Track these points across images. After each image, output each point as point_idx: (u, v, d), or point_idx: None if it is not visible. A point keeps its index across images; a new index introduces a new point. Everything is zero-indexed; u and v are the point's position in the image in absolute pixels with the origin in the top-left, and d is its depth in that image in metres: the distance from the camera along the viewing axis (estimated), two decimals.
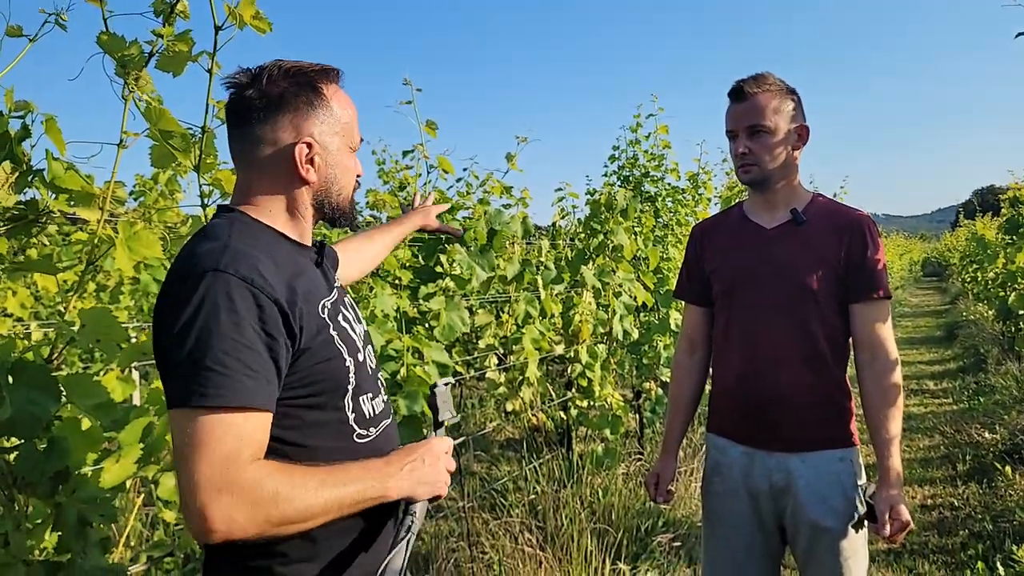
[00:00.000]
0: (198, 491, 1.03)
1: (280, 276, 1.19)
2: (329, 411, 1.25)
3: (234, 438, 1.07)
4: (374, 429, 1.32)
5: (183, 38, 1.65)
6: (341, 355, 1.26)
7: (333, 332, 1.26)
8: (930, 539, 4.24)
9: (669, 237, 6.02)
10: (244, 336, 1.10)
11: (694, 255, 2.26)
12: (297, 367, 1.19)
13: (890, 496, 1.92)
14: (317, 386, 1.22)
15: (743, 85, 1.99)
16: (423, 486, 1.27)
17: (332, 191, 1.35)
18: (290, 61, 1.31)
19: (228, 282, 1.12)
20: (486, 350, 4.82)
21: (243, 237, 1.22)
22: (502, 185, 4.12)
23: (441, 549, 3.65)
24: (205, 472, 1.03)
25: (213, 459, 1.04)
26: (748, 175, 2.03)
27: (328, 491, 1.13)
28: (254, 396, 1.10)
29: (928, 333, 13.97)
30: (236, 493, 1.04)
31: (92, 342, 1.62)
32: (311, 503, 1.11)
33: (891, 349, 1.99)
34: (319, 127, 1.30)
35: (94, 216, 1.67)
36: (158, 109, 1.68)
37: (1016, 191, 6.91)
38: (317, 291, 1.28)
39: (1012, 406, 6.64)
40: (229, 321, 1.10)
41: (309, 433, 1.22)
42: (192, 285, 1.12)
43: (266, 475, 1.08)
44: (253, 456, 1.09)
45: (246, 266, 1.15)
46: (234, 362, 1.08)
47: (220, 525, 1.03)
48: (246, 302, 1.12)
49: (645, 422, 5.40)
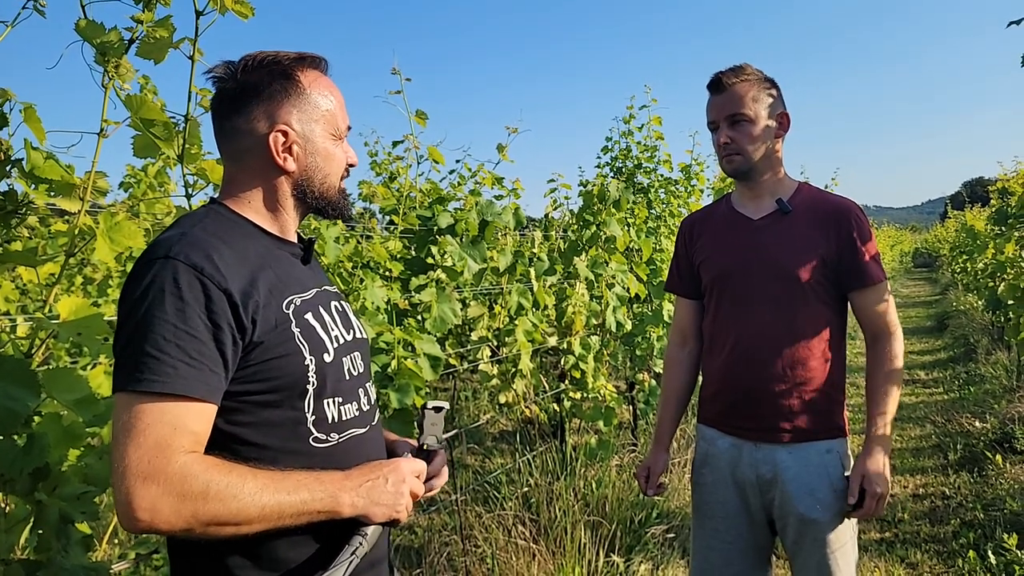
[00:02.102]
0: (125, 476, 1.01)
1: (240, 267, 1.16)
2: (285, 409, 1.20)
3: (167, 426, 1.04)
4: (336, 435, 1.26)
5: (163, 24, 1.60)
6: (300, 352, 1.20)
7: (295, 328, 1.21)
8: (922, 528, 4.24)
9: (662, 228, 5.99)
10: (187, 323, 1.08)
11: (683, 248, 2.27)
12: (250, 360, 1.16)
13: (863, 467, 1.94)
14: (272, 382, 1.18)
15: (721, 76, 2.01)
16: (379, 507, 1.20)
17: (314, 180, 1.31)
18: (270, 51, 1.29)
19: (176, 268, 1.10)
20: (479, 342, 4.79)
21: (210, 227, 1.20)
22: (493, 176, 4.09)
23: (434, 542, 3.63)
24: (133, 458, 1.02)
25: (142, 446, 1.02)
26: (732, 165, 2.03)
27: (268, 496, 1.08)
28: (192, 385, 1.07)
29: (919, 323, 14.03)
30: (162, 483, 1.01)
31: (73, 335, 1.58)
32: (245, 505, 1.06)
33: (893, 330, 2.03)
34: (296, 115, 1.28)
35: (75, 207, 1.63)
36: (139, 97, 1.64)
37: (1005, 182, 6.93)
38: (287, 286, 1.24)
39: (1002, 395, 6.67)
40: (173, 307, 1.08)
41: (261, 431, 1.18)
42: (144, 270, 1.12)
43: (200, 469, 1.05)
44: (187, 447, 1.06)
45: (198, 253, 1.12)
46: (174, 348, 1.06)
47: (144, 514, 1.01)
48: (193, 289, 1.09)
49: (639, 413, 5.40)
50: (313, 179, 1.31)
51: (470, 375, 7.67)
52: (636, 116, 6.04)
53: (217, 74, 1.28)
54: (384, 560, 1.38)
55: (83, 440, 1.59)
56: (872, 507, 1.91)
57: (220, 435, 1.16)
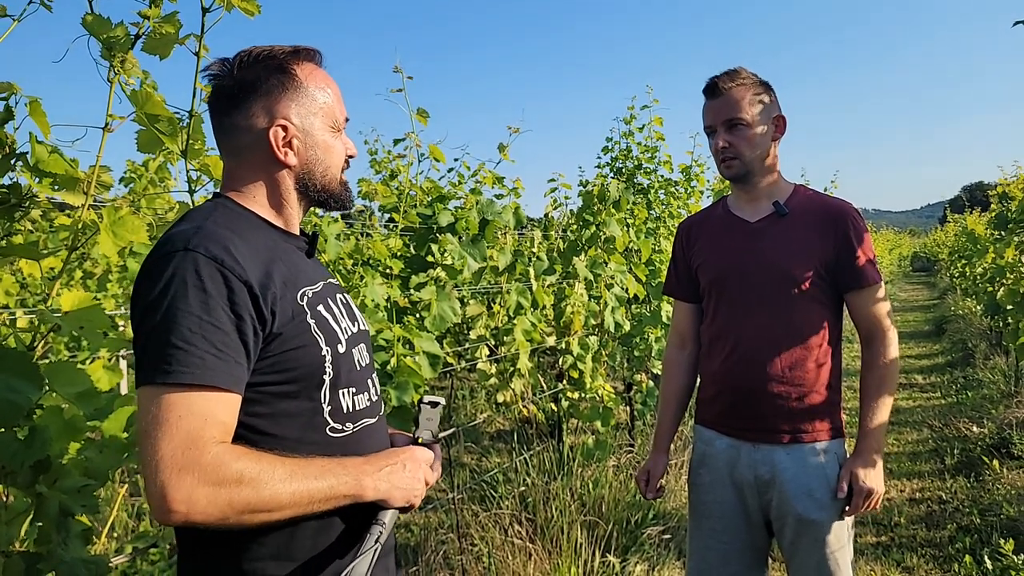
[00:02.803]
0: (159, 470, 1.00)
1: (255, 259, 1.17)
2: (302, 400, 1.21)
3: (197, 417, 1.04)
4: (351, 425, 1.28)
5: (170, 20, 1.61)
6: (317, 343, 1.22)
7: (310, 320, 1.22)
8: (918, 533, 4.25)
9: (661, 229, 6.00)
10: (212, 315, 1.08)
11: (681, 252, 2.28)
12: (269, 352, 1.16)
13: (853, 464, 1.97)
14: (290, 373, 1.19)
15: (717, 81, 2.02)
16: (400, 491, 1.24)
17: (316, 173, 1.32)
18: (264, 46, 1.29)
19: (197, 260, 1.10)
20: (477, 341, 4.80)
21: (221, 220, 1.20)
22: (494, 175, 4.09)
23: (430, 541, 3.64)
24: (167, 450, 1.01)
25: (175, 438, 1.02)
26: (731, 169, 2.05)
27: (298, 482, 1.09)
28: (220, 376, 1.07)
29: (917, 328, 14.04)
30: (198, 473, 1.01)
31: (75, 329, 1.59)
32: (278, 491, 1.07)
33: (887, 332, 2.03)
34: (294, 109, 1.28)
35: (78, 201, 1.63)
36: (144, 92, 1.64)
37: (1005, 186, 6.93)
38: (298, 278, 1.25)
39: (1000, 400, 6.68)
40: (197, 300, 1.08)
41: (279, 421, 1.19)
42: (162, 264, 1.11)
43: (232, 458, 1.05)
44: (218, 437, 1.06)
45: (217, 246, 1.13)
46: (200, 340, 1.06)
47: (180, 506, 1.00)
48: (215, 281, 1.10)
49: (636, 414, 5.40)
50: (315, 172, 1.32)
51: (468, 374, 7.67)
52: (637, 116, 6.04)
53: (213, 71, 1.29)
54: (392, 552, 1.40)
55: (84, 433, 1.60)
56: (859, 504, 1.94)
57: (238, 426, 1.16)
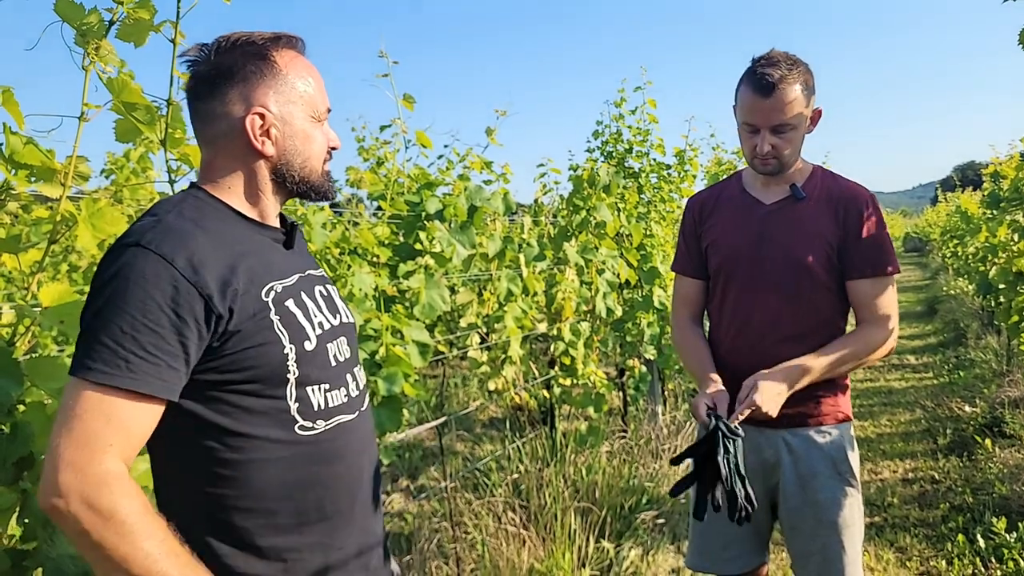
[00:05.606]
0: (50, 458, 1.00)
1: (218, 254, 1.14)
2: (265, 399, 1.18)
3: (101, 420, 1.02)
4: (323, 422, 1.24)
5: (144, 5, 1.57)
6: (279, 341, 1.18)
7: (274, 316, 1.18)
8: (911, 512, 4.27)
9: (652, 213, 5.97)
10: (148, 316, 1.05)
11: (692, 227, 2.21)
12: (227, 349, 1.13)
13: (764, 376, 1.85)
14: (250, 372, 1.16)
15: (767, 77, 1.85)
16: None
17: (294, 164, 1.29)
18: (244, 32, 1.26)
19: (147, 258, 1.08)
20: (468, 329, 4.78)
21: (187, 213, 1.17)
22: (482, 160, 4.06)
23: (424, 529, 3.63)
24: (63, 444, 1.01)
25: (74, 433, 1.01)
26: (767, 168, 1.97)
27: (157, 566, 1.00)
28: (140, 380, 1.04)
29: (909, 308, 14.08)
30: (81, 478, 0.99)
31: (56, 323, 1.56)
32: (134, 557, 0.99)
33: (887, 323, 1.96)
34: (273, 97, 1.25)
35: (56, 192, 1.60)
36: (121, 80, 1.61)
37: (997, 165, 6.94)
38: (267, 273, 1.21)
39: (992, 379, 6.71)
40: (136, 298, 1.05)
41: (244, 420, 1.17)
42: (112, 258, 1.10)
43: (119, 490, 1.00)
44: (120, 447, 1.03)
45: (172, 243, 1.10)
46: (129, 340, 1.04)
47: (56, 501, 0.99)
48: (160, 280, 1.07)
49: (628, 400, 5.40)
50: (292, 163, 1.29)
51: (459, 362, 7.66)
52: (628, 99, 5.99)
53: (191, 56, 1.26)
54: (379, 545, 1.38)
55: None
56: (740, 406, 1.82)
57: (206, 426, 1.14)
